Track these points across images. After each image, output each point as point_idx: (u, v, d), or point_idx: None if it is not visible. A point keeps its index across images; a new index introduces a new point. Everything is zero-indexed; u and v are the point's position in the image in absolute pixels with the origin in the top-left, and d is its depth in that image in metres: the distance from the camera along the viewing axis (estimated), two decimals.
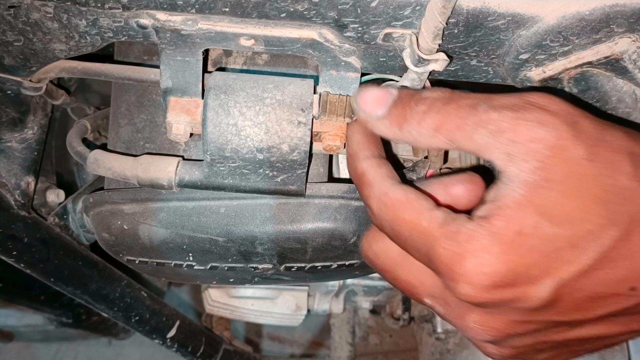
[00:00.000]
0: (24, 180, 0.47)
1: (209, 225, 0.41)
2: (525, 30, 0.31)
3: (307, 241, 0.41)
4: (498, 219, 0.26)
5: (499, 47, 0.33)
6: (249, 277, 0.49)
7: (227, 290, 1.07)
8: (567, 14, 0.30)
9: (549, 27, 0.30)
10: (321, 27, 0.32)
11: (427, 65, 0.32)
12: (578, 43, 0.31)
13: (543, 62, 0.33)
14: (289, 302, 1.09)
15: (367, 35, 0.32)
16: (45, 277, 0.50)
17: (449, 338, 0.85)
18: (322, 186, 0.41)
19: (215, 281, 0.51)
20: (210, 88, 0.36)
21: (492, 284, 0.26)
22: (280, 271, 0.46)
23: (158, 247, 0.43)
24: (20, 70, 0.38)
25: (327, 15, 0.31)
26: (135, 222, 0.42)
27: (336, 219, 0.40)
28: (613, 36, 0.31)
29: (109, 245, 0.44)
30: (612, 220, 0.25)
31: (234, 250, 0.43)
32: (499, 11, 0.30)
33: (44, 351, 1.39)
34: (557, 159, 0.25)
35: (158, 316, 0.62)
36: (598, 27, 0.30)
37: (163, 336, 0.65)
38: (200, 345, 0.72)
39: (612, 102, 0.33)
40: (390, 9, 0.30)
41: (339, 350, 1.17)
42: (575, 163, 0.25)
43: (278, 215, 0.41)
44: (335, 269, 0.46)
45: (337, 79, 0.36)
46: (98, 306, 0.56)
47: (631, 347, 0.75)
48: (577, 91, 0.33)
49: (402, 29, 0.31)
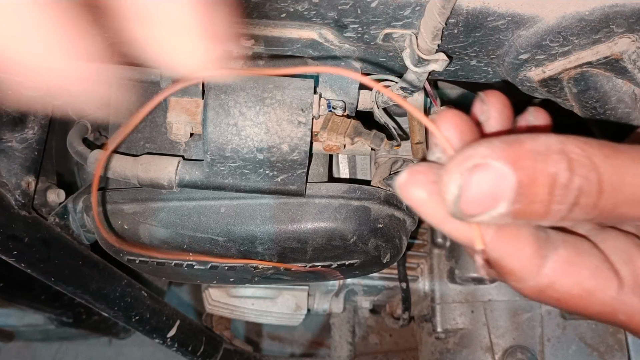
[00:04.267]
0: (25, 180, 0.47)
1: (209, 225, 0.41)
2: (525, 31, 0.31)
3: (307, 241, 0.41)
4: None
5: (498, 48, 0.33)
6: (249, 277, 0.49)
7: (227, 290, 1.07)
8: (567, 14, 0.30)
9: (549, 28, 0.30)
10: (321, 28, 0.32)
11: (426, 65, 0.32)
12: (578, 43, 0.31)
13: (543, 62, 0.33)
14: (289, 302, 1.09)
15: (367, 35, 0.32)
16: (45, 277, 0.50)
17: (448, 337, 0.85)
18: (322, 186, 0.41)
19: (215, 281, 0.51)
20: (210, 88, 0.36)
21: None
22: (280, 271, 0.46)
23: (158, 247, 0.43)
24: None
25: (327, 15, 0.31)
26: (135, 221, 0.42)
27: (336, 219, 0.40)
28: (613, 36, 0.31)
29: (109, 245, 0.44)
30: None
31: (234, 249, 0.43)
32: (498, 11, 0.30)
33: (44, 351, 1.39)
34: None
35: (158, 316, 0.62)
36: (598, 27, 0.30)
37: (163, 336, 0.65)
38: (201, 344, 0.72)
39: (611, 102, 0.33)
40: (390, 10, 0.30)
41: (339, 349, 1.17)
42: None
43: (278, 215, 0.41)
44: (335, 268, 0.46)
45: (337, 79, 0.36)
46: (98, 306, 0.56)
47: (631, 347, 0.75)
48: (577, 91, 0.34)
49: (401, 30, 0.31)
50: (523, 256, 0.24)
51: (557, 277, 0.24)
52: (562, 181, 0.20)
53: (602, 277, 0.25)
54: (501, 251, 0.24)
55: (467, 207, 0.20)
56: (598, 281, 0.24)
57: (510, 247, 0.24)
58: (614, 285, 0.25)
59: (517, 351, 0.75)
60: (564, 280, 0.24)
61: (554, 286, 0.24)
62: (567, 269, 0.24)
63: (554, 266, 0.24)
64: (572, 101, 0.34)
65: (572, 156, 0.20)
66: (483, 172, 0.20)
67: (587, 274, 0.24)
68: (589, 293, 0.24)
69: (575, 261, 0.24)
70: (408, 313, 0.94)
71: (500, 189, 0.20)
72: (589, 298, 0.25)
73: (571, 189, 0.20)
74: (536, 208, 0.20)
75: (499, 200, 0.20)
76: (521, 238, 0.24)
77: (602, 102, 0.33)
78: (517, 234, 0.24)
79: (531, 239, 0.24)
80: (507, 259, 0.24)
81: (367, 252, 0.43)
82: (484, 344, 0.80)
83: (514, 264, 0.24)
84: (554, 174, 0.20)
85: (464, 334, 0.83)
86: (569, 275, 0.24)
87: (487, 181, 0.20)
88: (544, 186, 0.20)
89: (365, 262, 0.45)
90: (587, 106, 0.34)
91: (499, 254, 0.24)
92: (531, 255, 0.24)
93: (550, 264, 0.24)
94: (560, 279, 0.24)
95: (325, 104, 0.37)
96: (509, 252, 0.24)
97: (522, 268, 0.24)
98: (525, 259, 0.24)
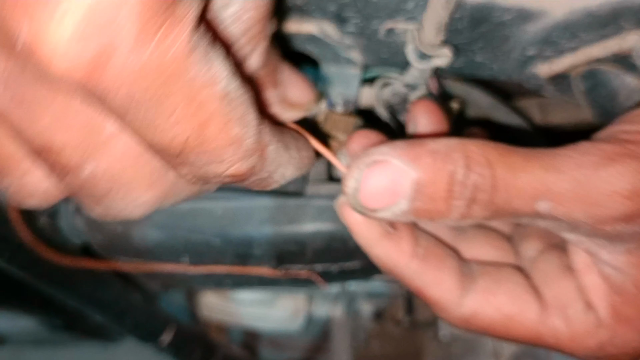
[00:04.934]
0: None
1: (205, 226, 0.40)
2: (532, 26, 0.30)
3: (306, 243, 0.40)
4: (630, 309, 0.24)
5: (504, 43, 0.32)
6: (246, 281, 0.48)
7: (223, 294, 1.05)
8: (575, 9, 0.29)
9: (556, 23, 0.29)
10: (321, 22, 0.32)
11: (430, 61, 0.31)
12: (586, 39, 0.30)
13: (550, 58, 0.32)
14: (288, 306, 1.07)
15: (368, 29, 0.31)
16: (37, 280, 0.49)
17: (452, 343, 0.84)
18: (322, 186, 0.40)
19: (211, 285, 0.50)
20: None
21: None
22: (277, 274, 0.45)
23: (152, 249, 0.42)
24: None
25: (327, 9, 0.30)
26: (128, 223, 0.41)
27: (336, 220, 0.39)
28: (621, 32, 0.30)
29: (101, 247, 0.43)
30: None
31: (230, 252, 0.42)
32: (504, 6, 0.29)
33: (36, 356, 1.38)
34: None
35: (153, 320, 0.61)
36: (606, 22, 0.29)
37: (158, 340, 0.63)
38: (196, 349, 0.71)
39: (620, 98, 0.32)
40: (392, 3, 0.29)
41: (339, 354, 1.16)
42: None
43: (276, 216, 0.40)
44: (336, 271, 0.45)
45: (337, 75, 0.35)
46: (91, 310, 0.55)
47: None
48: (585, 88, 0.33)
49: (404, 24, 0.31)
50: (445, 287, 0.26)
51: (478, 306, 0.26)
52: (459, 178, 0.21)
53: (521, 301, 0.25)
54: (425, 281, 0.26)
55: (367, 200, 0.21)
56: (517, 306, 0.25)
57: (433, 277, 0.26)
58: (535, 308, 0.25)
59: (522, 357, 0.74)
60: (485, 309, 0.26)
61: (478, 316, 0.26)
62: (487, 297, 0.26)
63: (474, 296, 0.26)
64: (580, 98, 0.34)
65: (470, 154, 0.21)
66: (382, 167, 0.21)
67: (506, 300, 0.26)
68: (510, 319, 0.25)
69: (495, 289, 0.26)
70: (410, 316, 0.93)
71: (400, 185, 0.21)
72: (511, 324, 0.25)
73: (468, 185, 0.21)
74: (437, 206, 0.21)
75: (399, 197, 0.21)
76: (444, 270, 0.26)
77: (610, 98, 0.32)
78: (441, 266, 0.26)
79: (454, 271, 0.26)
80: (430, 289, 0.26)
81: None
82: (487, 350, 0.78)
83: (437, 294, 0.26)
84: (452, 171, 0.21)
85: (467, 339, 0.82)
86: (489, 304, 0.26)
87: (385, 176, 0.21)
88: (443, 183, 0.21)
89: (366, 265, 0.44)
90: (595, 103, 0.33)
91: (423, 283, 0.26)
92: (453, 286, 0.26)
93: (471, 295, 0.26)
94: (482, 308, 0.26)
95: (325, 101, 0.36)
96: (432, 282, 0.26)
97: (445, 299, 0.26)
98: (447, 289, 0.26)
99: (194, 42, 0.16)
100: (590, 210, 0.21)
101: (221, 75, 0.17)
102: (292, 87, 0.27)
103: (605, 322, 0.24)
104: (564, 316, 0.25)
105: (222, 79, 0.17)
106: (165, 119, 0.17)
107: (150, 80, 0.16)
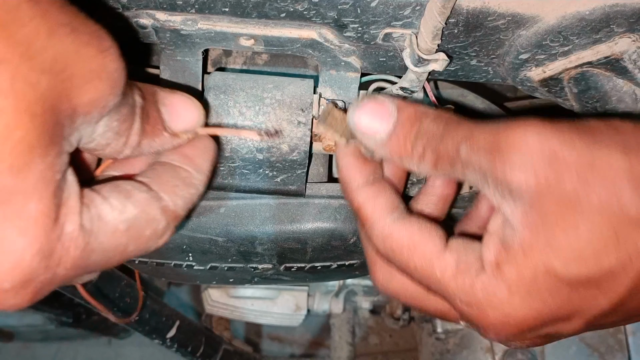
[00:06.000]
0: None
1: (209, 225, 0.41)
2: (525, 30, 0.31)
3: (307, 241, 0.41)
4: (510, 268, 0.26)
5: (499, 47, 0.33)
6: (248, 277, 0.49)
7: (226, 290, 1.07)
8: (567, 14, 0.30)
9: (549, 27, 0.30)
10: (321, 27, 0.32)
11: (427, 65, 0.32)
12: (578, 43, 0.31)
13: (543, 62, 0.33)
14: (289, 302, 1.09)
15: (367, 35, 0.32)
16: None
17: (449, 338, 0.85)
18: (322, 186, 0.41)
19: (215, 281, 0.51)
20: (210, 88, 0.36)
21: (520, 332, 0.27)
22: (280, 271, 0.46)
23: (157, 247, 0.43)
24: None
25: (327, 15, 0.31)
26: None
27: (336, 219, 0.40)
28: (613, 36, 0.30)
29: None
30: (628, 251, 0.24)
31: (233, 250, 0.43)
32: (499, 11, 0.30)
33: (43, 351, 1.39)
34: (546, 199, 0.24)
35: (158, 316, 0.62)
36: (598, 27, 0.30)
37: (163, 336, 0.65)
38: (200, 345, 0.72)
39: (612, 102, 0.32)
40: (390, 9, 0.30)
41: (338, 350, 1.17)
42: (566, 199, 0.24)
43: (278, 215, 0.41)
44: (335, 268, 0.46)
45: (337, 78, 0.36)
46: None
47: (631, 347, 0.75)
48: (577, 91, 0.33)
49: (402, 29, 0.31)
50: (378, 204, 0.32)
51: (395, 229, 0.31)
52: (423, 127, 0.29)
53: (429, 234, 0.30)
54: (365, 196, 0.32)
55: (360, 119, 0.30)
56: (424, 237, 0.30)
57: (373, 194, 0.32)
58: (438, 243, 0.30)
59: (518, 352, 0.75)
60: (400, 232, 0.31)
61: (393, 235, 0.31)
62: (408, 222, 0.31)
63: (400, 221, 0.31)
64: (572, 101, 0.34)
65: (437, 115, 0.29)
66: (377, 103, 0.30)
67: (418, 231, 0.31)
68: (415, 244, 0.30)
69: (418, 223, 0.31)
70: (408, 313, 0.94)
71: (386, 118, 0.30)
72: (415, 250, 0.30)
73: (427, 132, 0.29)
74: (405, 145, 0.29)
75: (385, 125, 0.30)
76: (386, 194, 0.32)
77: (602, 102, 0.33)
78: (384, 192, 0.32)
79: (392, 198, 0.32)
80: (366, 204, 0.32)
81: None
82: (484, 345, 0.79)
83: (369, 209, 0.32)
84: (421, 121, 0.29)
85: (464, 335, 0.83)
86: (405, 229, 0.31)
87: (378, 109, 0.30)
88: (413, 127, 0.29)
89: (365, 263, 0.45)
90: (587, 106, 0.34)
91: (363, 199, 0.32)
92: (384, 204, 0.32)
93: (397, 221, 0.31)
94: (396, 231, 0.31)
95: (325, 104, 0.37)
96: (370, 197, 0.32)
97: (376, 214, 0.31)
98: (379, 206, 0.31)
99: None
100: (493, 157, 0.26)
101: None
102: (173, 113, 0.29)
103: (487, 270, 0.27)
104: (457, 255, 0.28)
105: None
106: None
107: None
